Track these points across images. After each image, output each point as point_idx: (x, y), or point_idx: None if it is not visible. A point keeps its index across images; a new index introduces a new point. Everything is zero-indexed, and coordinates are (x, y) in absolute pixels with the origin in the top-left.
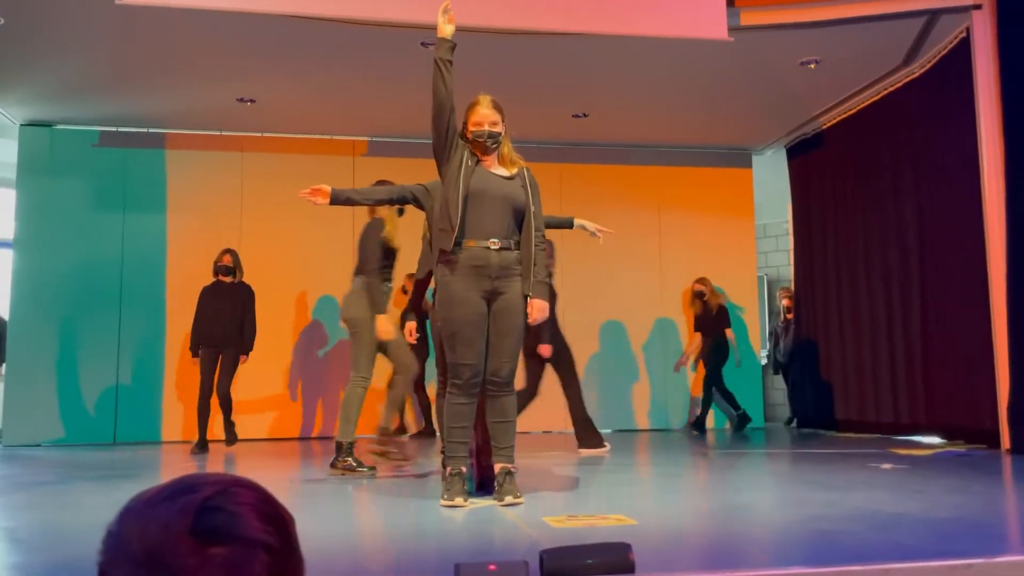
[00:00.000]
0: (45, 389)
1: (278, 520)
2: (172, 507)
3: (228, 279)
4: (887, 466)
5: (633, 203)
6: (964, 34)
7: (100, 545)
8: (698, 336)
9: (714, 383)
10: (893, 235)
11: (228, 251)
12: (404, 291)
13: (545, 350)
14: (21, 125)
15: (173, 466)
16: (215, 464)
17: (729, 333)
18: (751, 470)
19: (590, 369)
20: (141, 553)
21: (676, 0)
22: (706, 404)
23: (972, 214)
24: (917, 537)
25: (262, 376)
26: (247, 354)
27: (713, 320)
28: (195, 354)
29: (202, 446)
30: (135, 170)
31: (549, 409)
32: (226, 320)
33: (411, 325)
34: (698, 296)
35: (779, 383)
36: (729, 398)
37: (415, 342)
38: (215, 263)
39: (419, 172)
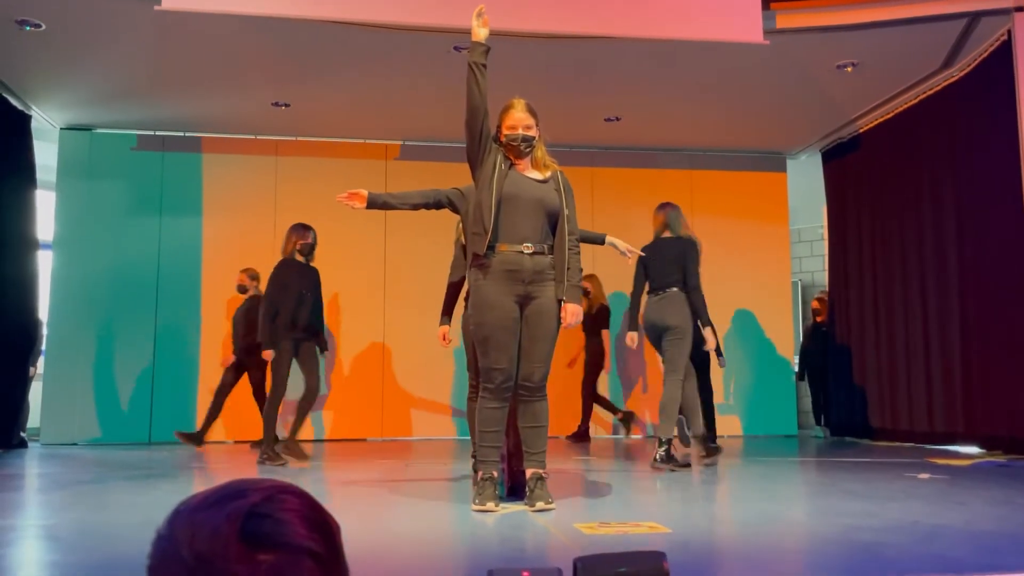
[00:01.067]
0: (82, 389)
1: (324, 527)
2: (221, 513)
3: (303, 259)
4: (925, 476)
5: None
6: (1005, 37)
7: (149, 548)
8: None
9: (588, 387)
10: (931, 240)
11: (310, 227)
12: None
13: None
14: (61, 129)
15: (206, 466)
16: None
17: (606, 335)
18: (785, 478)
19: (623, 375)
20: (190, 558)
21: (711, 3)
22: (587, 412)
23: (1013, 219)
24: (960, 550)
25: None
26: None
27: (592, 320)
28: (277, 347)
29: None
30: (172, 173)
31: (577, 414)
32: (312, 308)
33: (444, 329)
34: (583, 294)
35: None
36: (604, 403)
37: (447, 345)
38: (298, 240)
39: (451, 175)
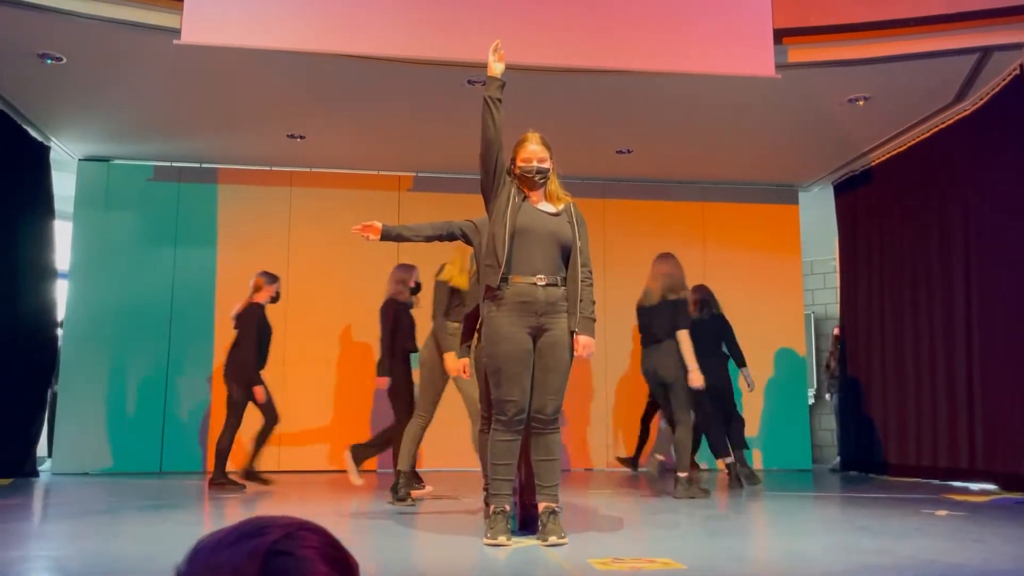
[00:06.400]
0: (94, 418)
1: (343, 564)
2: (241, 550)
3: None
4: (942, 513)
5: (677, 239)
6: (1017, 71)
7: None
8: None
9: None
10: (942, 273)
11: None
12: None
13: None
14: (79, 160)
15: (217, 497)
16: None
17: None
18: (800, 514)
19: (636, 408)
20: None
21: (723, 37)
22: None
23: None
24: None
25: (309, 408)
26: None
27: None
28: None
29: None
30: (188, 204)
31: (590, 446)
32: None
33: (464, 362)
34: None
35: (826, 423)
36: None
37: (469, 378)
38: (407, 279)
39: (464, 207)
